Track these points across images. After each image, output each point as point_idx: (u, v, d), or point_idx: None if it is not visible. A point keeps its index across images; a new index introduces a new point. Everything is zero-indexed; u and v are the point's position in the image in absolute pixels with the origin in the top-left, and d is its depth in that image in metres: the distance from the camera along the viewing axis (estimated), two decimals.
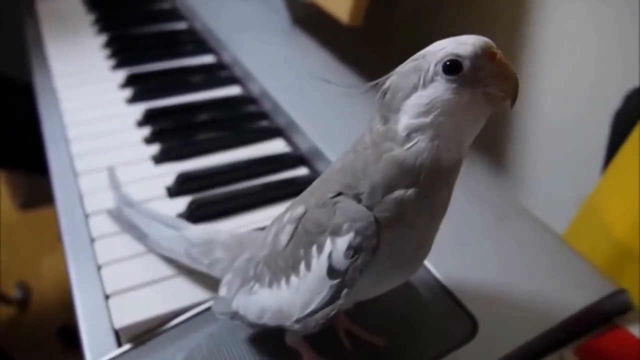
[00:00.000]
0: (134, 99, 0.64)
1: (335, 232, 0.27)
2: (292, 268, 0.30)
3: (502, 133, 0.65)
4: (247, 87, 0.66)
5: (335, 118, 0.55)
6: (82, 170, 0.53)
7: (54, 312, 1.21)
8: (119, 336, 0.38)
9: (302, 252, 0.29)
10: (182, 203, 0.48)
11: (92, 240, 0.45)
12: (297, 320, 0.29)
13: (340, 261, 0.27)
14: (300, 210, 0.30)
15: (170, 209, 0.48)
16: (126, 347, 0.37)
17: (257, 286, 0.32)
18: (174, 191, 0.50)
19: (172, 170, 0.52)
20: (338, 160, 0.30)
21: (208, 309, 0.39)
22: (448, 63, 0.25)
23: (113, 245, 0.44)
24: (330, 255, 0.28)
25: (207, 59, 0.73)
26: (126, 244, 0.44)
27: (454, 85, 0.25)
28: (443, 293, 0.37)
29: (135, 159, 0.54)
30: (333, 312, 0.28)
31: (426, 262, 0.38)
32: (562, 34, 0.58)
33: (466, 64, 0.25)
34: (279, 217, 0.32)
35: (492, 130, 0.66)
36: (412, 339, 0.35)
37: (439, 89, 0.26)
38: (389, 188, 0.27)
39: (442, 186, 0.27)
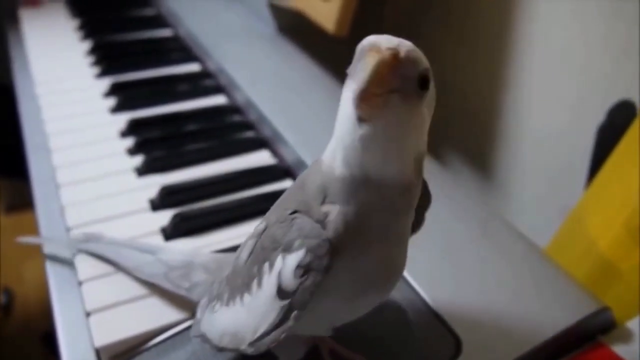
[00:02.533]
0: (117, 109, 0.63)
1: (287, 249, 0.26)
2: (246, 286, 0.28)
3: (487, 144, 0.65)
4: (232, 97, 0.65)
5: (321, 129, 0.55)
6: (64, 182, 0.52)
7: (38, 317, 1.19)
8: (100, 355, 0.37)
9: (256, 269, 0.28)
10: (165, 216, 0.48)
11: (73, 255, 0.44)
12: (251, 344, 0.28)
13: (289, 280, 0.26)
14: (262, 225, 0.29)
15: (153, 223, 0.47)
16: None
17: (218, 305, 0.31)
18: (158, 204, 0.49)
19: (156, 182, 0.52)
20: (305, 173, 0.29)
21: (190, 327, 0.38)
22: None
23: (94, 260, 0.44)
24: (279, 274, 0.26)
25: (192, 67, 0.73)
26: None
27: (346, 82, 0.25)
28: (427, 312, 0.37)
29: (118, 170, 0.54)
30: (282, 335, 0.27)
31: (410, 280, 0.38)
32: (548, 46, 0.58)
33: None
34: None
35: (477, 141, 0.66)
36: (395, 358, 0.34)
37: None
38: (343, 204, 0.26)
39: (380, 204, 0.26)
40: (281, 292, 0.26)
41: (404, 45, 0.24)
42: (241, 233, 0.46)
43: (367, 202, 0.25)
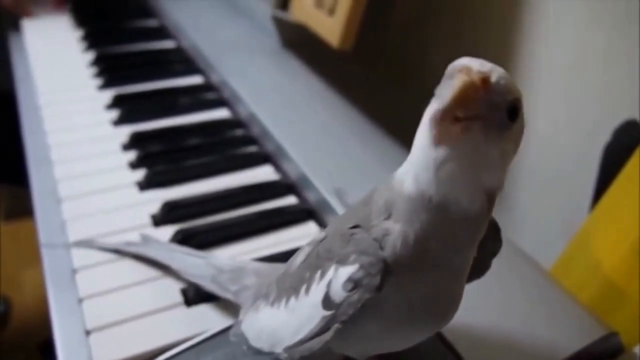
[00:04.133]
0: (120, 121, 0.63)
1: (342, 261, 0.26)
2: (294, 290, 0.28)
3: None
4: (235, 110, 0.65)
5: (324, 144, 0.55)
6: (65, 195, 0.51)
7: (36, 326, 1.18)
8: None
9: (307, 274, 0.28)
10: (167, 232, 0.47)
11: (74, 271, 0.44)
12: (286, 348, 0.28)
13: (337, 292, 0.26)
14: (321, 235, 0.29)
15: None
16: None
17: (262, 303, 0.31)
18: (160, 220, 0.48)
19: (158, 197, 0.51)
20: (374, 191, 0.28)
21: (193, 346, 0.37)
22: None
23: (95, 276, 0.43)
24: (329, 284, 0.26)
25: (196, 79, 0.73)
26: (108, 276, 0.43)
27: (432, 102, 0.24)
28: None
29: (120, 185, 0.53)
30: (318, 347, 0.26)
31: None
32: (554, 65, 0.58)
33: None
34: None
35: None
36: None
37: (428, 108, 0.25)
38: (415, 230, 0.25)
39: (445, 234, 0.25)
40: (327, 302, 0.26)
41: (497, 71, 0.23)
42: (244, 250, 0.46)
43: (430, 226, 0.24)
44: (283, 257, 0.44)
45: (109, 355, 0.37)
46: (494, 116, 0.23)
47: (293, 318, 0.28)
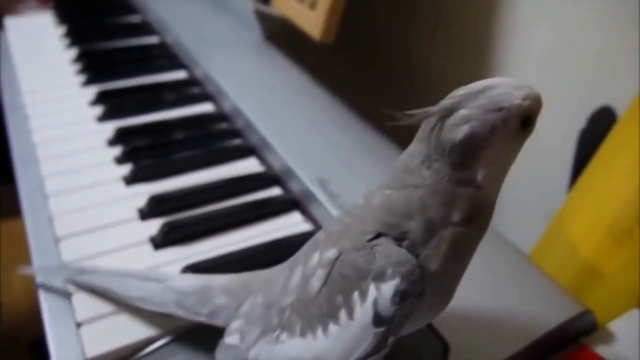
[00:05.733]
0: (104, 117, 0.63)
1: (379, 278, 0.27)
2: (329, 316, 0.28)
3: None
4: (219, 104, 0.66)
5: (307, 136, 0.56)
6: (52, 191, 0.52)
7: (26, 325, 1.18)
8: None
9: (340, 298, 0.28)
10: (154, 225, 0.48)
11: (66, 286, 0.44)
12: None
13: (386, 308, 0.27)
14: (332, 252, 0.29)
15: (142, 232, 0.47)
16: None
17: (285, 335, 0.30)
18: (146, 213, 0.49)
19: (144, 191, 0.52)
20: (373, 197, 0.29)
21: (185, 335, 0.38)
22: (525, 118, 0.26)
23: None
24: (375, 302, 0.27)
25: (179, 74, 0.73)
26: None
27: (522, 137, 0.27)
28: None
29: (106, 180, 0.54)
30: (380, 358, 0.28)
31: None
32: (530, 53, 0.60)
33: (533, 119, 0.27)
34: (298, 259, 0.32)
35: None
36: None
37: (514, 140, 0.27)
38: (447, 226, 0.27)
39: (488, 221, 0.28)
40: (378, 320, 0.27)
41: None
42: (231, 241, 0.47)
43: (484, 219, 0.28)
44: (268, 247, 0.46)
45: (100, 346, 0.38)
46: None
47: (339, 344, 0.28)
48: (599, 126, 0.54)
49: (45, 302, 0.41)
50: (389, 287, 0.27)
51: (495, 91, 0.26)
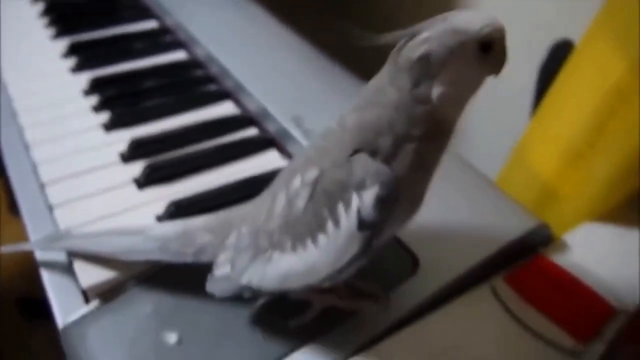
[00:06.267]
0: (78, 68, 0.64)
1: (360, 187, 0.30)
2: (317, 228, 0.31)
3: None
4: (192, 52, 0.67)
5: (281, 78, 0.57)
6: (33, 141, 0.53)
7: (13, 281, 1.17)
8: (87, 295, 0.40)
9: (326, 211, 0.31)
10: (136, 168, 0.50)
11: (51, 208, 0.46)
12: (328, 277, 0.31)
13: (369, 213, 0.29)
14: (313, 172, 0.31)
15: (125, 174, 0.49)
16: (94, 303, 0.39)
17: (276, 253, 0.33)
18: (128, 156, 0.51)
19: (124, 137, 0.53)
20: (345, 119, 0.32)
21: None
22: (484, 43, 0.28)
23: (74, 210, 0.46)
24: (358, 210, 0.30)
25: (150, 24, 0.73)
26: (87, 208, 0.46)
27: (480, 63, 0.29)
28: None
29: (85, 128, 0.55)
30: (367, 261, 0.31)
31: None
32: None
33: (495, 45, 0.28)
34: (278, 187, 0.34)
35: None
36: (355, 278, 0.38)
37: (473, 65, 0.29)
38: (408, 139, 0.30)
39: (447, 138, 0.31)
40: (362, 225, 0.30)
41: None
42: (212, 179, 0.49)
43: (442, 136, 0.30)
44: (248, 183, 0.48)
45: (93, 277, 0.40)
46: None
47: (328, 251, 0.31)
48: (558, 58, 0.57)
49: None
50: (370, 195, 0.29)
51: (457, 19, 0.29)
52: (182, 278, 0.39)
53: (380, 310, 0.36)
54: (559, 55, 0.58)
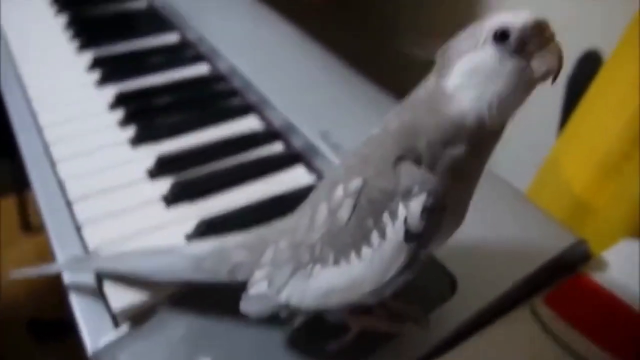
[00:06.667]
0: (102, 82, 0.64)
1: (407, 197, 0.29)
2: (362, 240, 0.30)
3: None
4: (214, 65, 0.66)
5: (306, 91, 0.57)
6: (60, 157, 0.53)
7: (24, 303, 1.16)
8: (116, 318, 0.39)
9: (370, 222, 0.29)
10: (163, 184, 0.49)
11: (78, 226, 0.46)
12: (373, 292, 0.30)
13: (416, 223, 0.28)
14: (357, 182, 0.30)
15: (152, 191, 0.49)
16: (124, 327, 0.38)
17: (318, 267, 0.31)
18: (155, 173, 0.51)
19: (149, 152, 0.53)
20: (389, 120, 0.31)
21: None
22: (498, 32, 0.27)
23: (101, 228, 0.45)
24: (405, 220, 0.29)
25: (171, 37, 0.73)
26: (115, 226, 0.45)
27: (499, 54, 0.28)
28: None
29: (111, 143, 0.55)
30: (412, 276, 0.30)
31: None
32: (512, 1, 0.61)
33: (514, 35, 0.27)
34: (318, 198, 0.32)
35: None
36: (396, 300, 0.37)
37: (486, 55, 0.28)
38: (443, 144, 0.29)
39: (487, 148, 0.30)
40: (409, 236, 0.29)
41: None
42: (239, 196, 0.48)
43: (481, 145, 0.29)
44: (276, 201, 0.48)
45: (125, 299, 0.40)
46: None
47: (374, 264, 0.29)
48: (586, 70, 0.56)
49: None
50: (417, 204, 0.28)
51: (488, 18, 0.29)
52: (214, 300, 0.39)
53: (420, 333, 0.35)
54: (586, 66, 0.57)
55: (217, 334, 0.37)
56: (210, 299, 0.39)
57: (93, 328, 0.39)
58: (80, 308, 0.40)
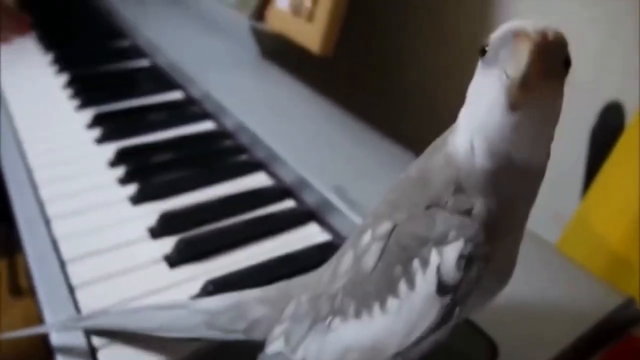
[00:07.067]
0: (103, 139, 0.61)
1: (441, 242, 0.24)
2: (387, 290, 0.26)
3: None
4: (220, 122, 0.64)
5: (317, 147, 0.54)
6: (55, 214, 0.49)
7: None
8: None
9: (399, 269, 0.26)
10: (166, 244, 0.46)
11: (72, 288, 0.42)
12: (396, 355, 0.25)
13: (451, 273, 0.24)
14: (386, 225, 0.27)
15: (153, 251, 0.45)
16: None
17: (337, 321, 0.27)
18: (157, 232, 0.47)
19: (151, 210, 0.50)
20: (412, 166, 0.28)
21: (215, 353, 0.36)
22: (480, 47, 0.24)
23: (97, 291, 0.41)
24: (438, 269, 0.24)
25: (175, 95, 0.72)
26: (112, 289, 0.41)
27: (481, 70, 0.24)
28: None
29: (111, 201, 0.51)
30: (443, 338, 0.25)
31: None
32: None
33: (489, 46, 0.24)
34: (345, 247, 0.29)
35: None
36: None
37: (475, 76, 0.25)
38: (464, 191, 0.25)
39: (519, 193, 0.25)
40: (442, 288, 0.24)
41: (550, 28, 0.23)
42: (249, 255, 0.45)
43: (511, 193, 0.25)
44: (291, 258, 0.44)
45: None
46: (556, 70, 0.23)
47: (399, 319, 0.25)
48: (610, 121, 0.54)
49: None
50: (452, 250, 0.24)
51: None
52: None
53: None
54: (610, 117, 0.55)
55: None
56: None
57: None
58: None
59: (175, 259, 0.44)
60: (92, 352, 0.36)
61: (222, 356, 0.36)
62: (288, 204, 0.51)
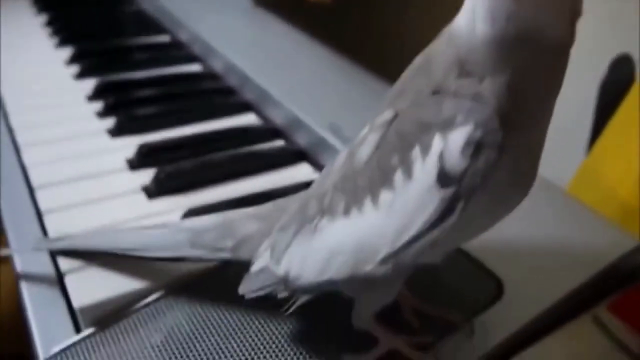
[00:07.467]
0: (82, 74, 0.57)
1: (446, 126, 0.21)
2: (381, 182, 0.22)
3: None
4: (208, 65, 0.61)
5: (310, 86, 0.51)
6: (26, 142, 0.46)
7: (7, 339, 1.06)
8: (78, 319, 0.31)
9: (396, 159, 0.22)
10: (144, 176, 0.42)
11: (40, 214, 0.38)
12: (387, 257, 0.21)
13: (456, 161, 0.20)
14: (387, 113, 0.23)
15: (132, 183, 0.42)
16: (87, 331, 0.30)
17: (324, 221, 0.24)
18: (136, 163, 0.43)
19: (132, 144, 0.46)
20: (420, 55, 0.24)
21: (195, 282, 0.33)
22: None
23: (66, 218, 0.38)
24: (441, 155, 0.21)
25: (162, 38, 0.68)
26: (83, 217, 0.38)
27: None
28: (465, 255, 0.32)
29: (88, 132, 0.48)
30: (442, 236, 0.21)
31: None
32: None
33: None
34: (340, 156, 0.26)
35: None
36: (438, 303, 0.30)
37: None
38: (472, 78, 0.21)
39: (535, 73, 0.21)
40: (444, 178, 0.20)
41: None
42: (232, 190, 0.41)
43: (522, 67, 0.20)
44: (280, 192, 0.40)
45: (88, 296, 0.32)
46: None
47: (392, 214, 0.22)
48: (620, 74, 0.52)
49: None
50: (459, 135, 0.20)
51: None
52: (202, 299, 0.31)
53: (463, 344, 0.28)
54: (619, 70, 0.52)
55: (202, 341, 0.29)
56: (199, 297, 0.31)
57: (47, 332, 0.31)
58: (33, 306, 0.32)
59: (153, 190, 0.40)
60: (60, 277, 0.33)
61: (201, 288, 0.33)
62: (278, 143, 0.48)
